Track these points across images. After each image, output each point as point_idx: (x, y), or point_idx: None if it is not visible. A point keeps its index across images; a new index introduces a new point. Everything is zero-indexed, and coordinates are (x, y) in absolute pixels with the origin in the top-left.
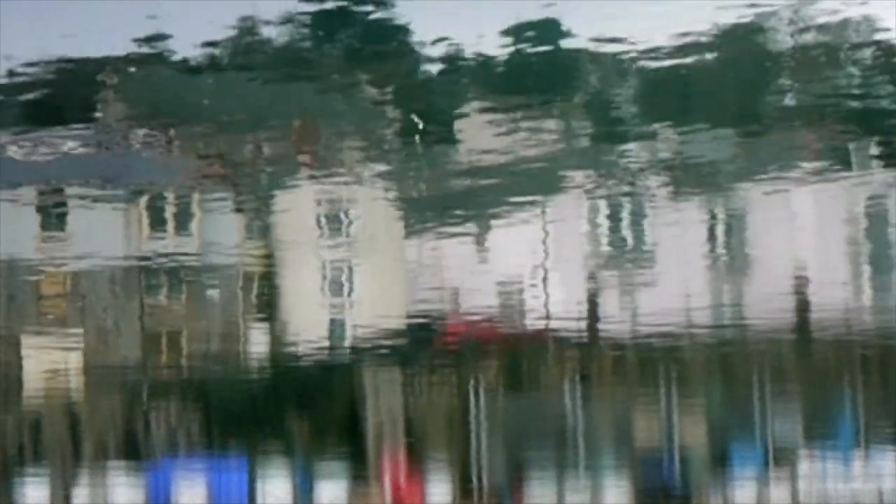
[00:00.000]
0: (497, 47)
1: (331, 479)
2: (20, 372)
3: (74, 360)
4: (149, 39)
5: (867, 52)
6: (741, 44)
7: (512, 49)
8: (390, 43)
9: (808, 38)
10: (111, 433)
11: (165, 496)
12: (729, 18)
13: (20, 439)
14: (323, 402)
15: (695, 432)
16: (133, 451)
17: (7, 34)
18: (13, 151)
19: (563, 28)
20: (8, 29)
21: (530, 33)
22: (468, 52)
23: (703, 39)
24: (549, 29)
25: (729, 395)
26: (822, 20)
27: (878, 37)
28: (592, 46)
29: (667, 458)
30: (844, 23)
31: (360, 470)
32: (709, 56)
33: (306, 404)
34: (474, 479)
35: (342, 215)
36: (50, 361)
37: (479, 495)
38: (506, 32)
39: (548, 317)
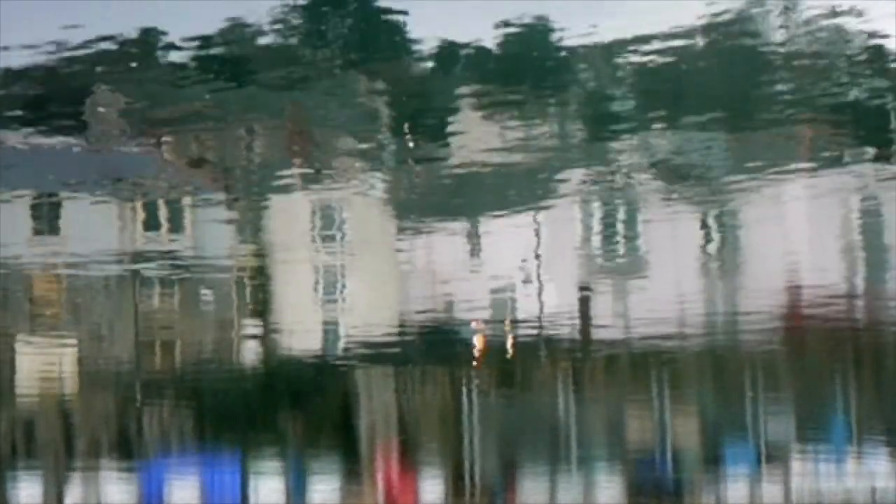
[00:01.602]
0: (491, 45)
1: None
2: (13, 372)
3: (68, 360)
4: (141, 38)
5: (860, 51)
6: (735, 43)
7: (506, 47)
8: (384, 41)
9: (801, 37)
10: (104, 432)
11: (158, 495)
12: (722, 17)
13: (13, 439)
14: (320, 402)
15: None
16: (126, 450)
17: (2, 32)
18: (7, 149)
19: (557, 27)
20: (2, 27)
21: (524, 31)
22: (462, 50)
23: (698, 38)
24: (542, 27)
25: (723, 395)
26: (814, 19)
27: (871, 34)
28: (587, 46)
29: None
30: (837, 22)
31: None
32: (703, 55)
33: (303, 404)
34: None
35: (335, 217)
36: (44, 361)
37: None
38: (499, 31)
39: (541, 318)
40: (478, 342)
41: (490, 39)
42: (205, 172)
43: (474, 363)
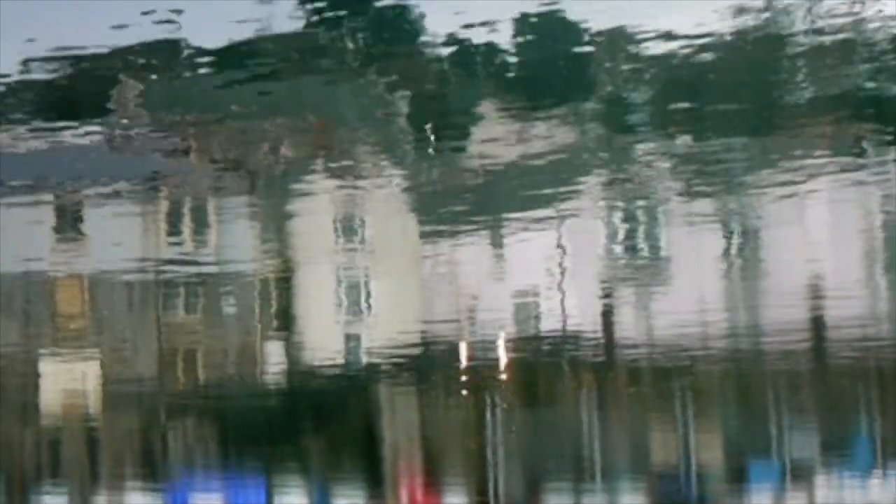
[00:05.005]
0: (511, 45)
1: None
2: (37, 387)
3: (91, 375)
4: (166, 39)
5: (885, 49)
6: (757, 42)
7: (526, 47)
8: (401, 41)
9: (825, 35)
10: (128, 449)
11: None
12: (745, 16)
13: (39, 455)
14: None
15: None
16: (150, 467)
17: (20, 28)
18: (25, 149)
19: (578, 26)
20: (21, 23)
21: (544, 30)
22: (481, 50)
23: (719, 37)
24: (563, 26)
25: (748, 410)
26: (838, 16)
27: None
28: (607, 46)
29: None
30: (861, 18)
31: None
32: (728, 52)
33: (327, 421)
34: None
35: (357, 224)
36: (67, 376)
37: None
38: (519, 30)
39: (564, 324)
40: (502, 353)
41: (509, 38)
42: (231, 176)
43: (499, 374)
